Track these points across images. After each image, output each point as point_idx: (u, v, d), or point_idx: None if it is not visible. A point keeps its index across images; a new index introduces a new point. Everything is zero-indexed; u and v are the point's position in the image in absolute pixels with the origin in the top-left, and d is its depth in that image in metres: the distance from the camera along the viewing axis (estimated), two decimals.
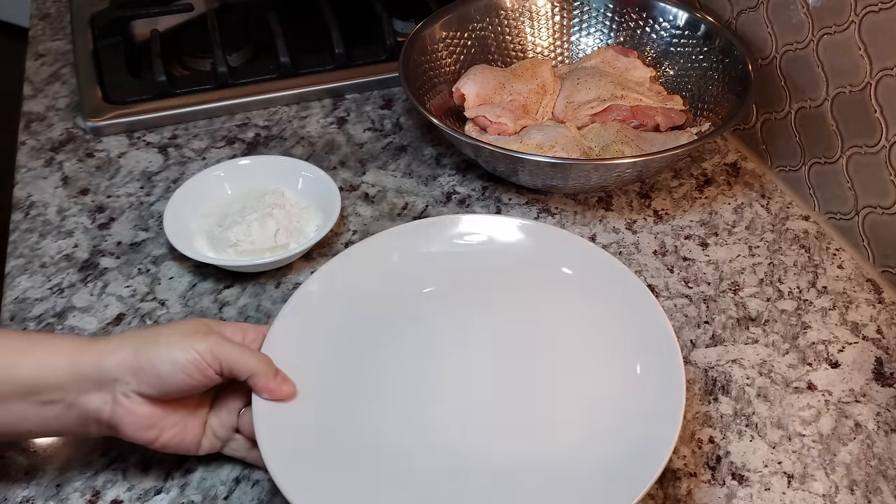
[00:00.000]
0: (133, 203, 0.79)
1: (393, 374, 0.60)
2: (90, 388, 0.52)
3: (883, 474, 0.60)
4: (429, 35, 0.89)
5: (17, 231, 0.76)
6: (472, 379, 0.60)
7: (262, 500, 0.57)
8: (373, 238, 0.67)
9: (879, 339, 0.69)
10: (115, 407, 0.52)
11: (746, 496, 0.58)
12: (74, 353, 0.52)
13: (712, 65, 0.87)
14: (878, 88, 0.70)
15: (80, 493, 0.57)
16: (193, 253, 0.70)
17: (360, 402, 0.58)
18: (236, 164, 0.78)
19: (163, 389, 0.52)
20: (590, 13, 0.95)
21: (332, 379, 0.59)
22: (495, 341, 0.62)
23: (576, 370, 0.60)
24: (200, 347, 0.52)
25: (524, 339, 0.62)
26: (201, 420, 0.56)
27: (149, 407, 0.53)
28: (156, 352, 0.52)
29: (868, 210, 0.74)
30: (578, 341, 0.62)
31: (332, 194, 0.74)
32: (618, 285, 0.63)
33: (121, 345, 0.52)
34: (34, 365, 0.51)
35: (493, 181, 0.83)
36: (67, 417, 0.52)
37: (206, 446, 0.56)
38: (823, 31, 0.74)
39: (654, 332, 0.60)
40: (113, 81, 0.90)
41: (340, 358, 0.60)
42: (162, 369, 0.51)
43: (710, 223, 0.79)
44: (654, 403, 0.56)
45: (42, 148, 0.85)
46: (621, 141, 0.80)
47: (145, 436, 0.53)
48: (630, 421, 0.56)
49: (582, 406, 0.58)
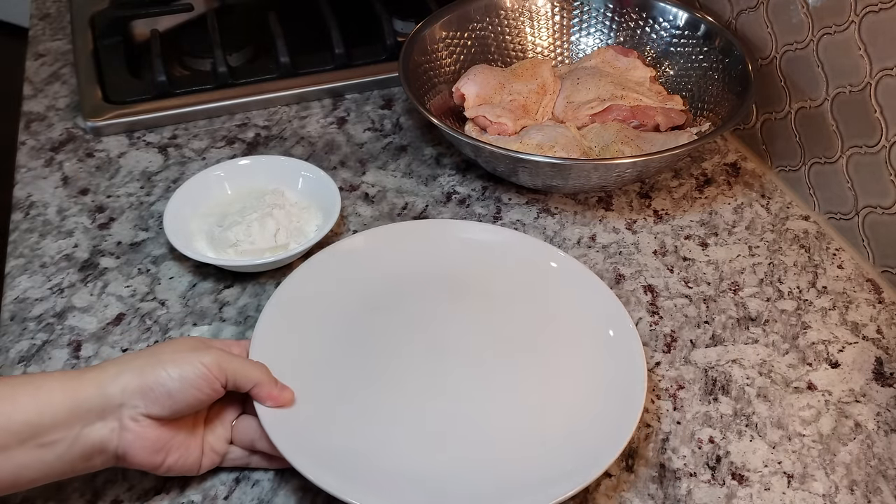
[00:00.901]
0: (133, 203, 0.79)
1: (373, 364, 0.63)
2: (94, 419, 0.50)
3: (883, 474, 0.60)
4: (429, 35, 0.89)
5: (17, 231, 0.76)
6: (449, 362, 0.63)
7: (263, 500, 0.57)
8: (334, 246, 0.71)
9: (879, 339, 0.69)
10: (122, 433, 0.51)
11: (746, 496, 0.58)
12: (69, 387, 0.50)
13: (712, 65, 0.87)
14: (878, 88, 0.70)
15: (79, 493, 0.57)
16: (193, 253, 0.70)
17: (351, 395, 0.61)
18: (236, 165, 0.78)
19: (173, 408, 0.52)
20: (590, 13, 0.95)
21: (321, 376, 0.61)
22: (469, 332, 0.66)
23: (545, 354, 0.64)
24: (207, 361, 0.53)
25: (493, 330, 0.66)
26: (200, 439, 0.56)
27: (157, 429, 0.52)
28: (163, 370, 0.52)
29: (868, 210, 0.74)
30: (545, 330, 0.66)
31: (332, 194, 0.74)
32: (574, 279, 0.69)
33: (121, 369, 0.52)
34: (26, 407, 0.49)
35: (493, 181, 0.83)
36: (70, 455, 0.50)
37: (206, 464, 0.56)
38: (823, 31, 0.74)
39: (610, 309, 0.66)
40: (113, 81, 0.90)
41: (324, 356, 0.63)
42: (171, 387, 0.51)
43: (710, 223, 0.79)
44: (615, 371, 0.62)
45: (42, 148, 0.85)
46: (621, 141, 0.80)
47: (153, 460, 0.53)
48: (598, 388, 0.61)
49: (551, 381, 0.63)
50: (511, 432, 0.59)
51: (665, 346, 0.68)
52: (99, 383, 0.51)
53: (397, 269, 0.70)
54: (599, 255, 0.76)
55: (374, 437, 0.58)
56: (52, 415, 0.49)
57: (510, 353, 0.64)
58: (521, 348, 0.64)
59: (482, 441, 0.58)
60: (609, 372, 0.62)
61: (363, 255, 0.70)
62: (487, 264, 0.70)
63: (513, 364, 0.63)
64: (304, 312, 0.65)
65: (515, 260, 0.70)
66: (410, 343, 0.64)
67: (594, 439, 0.57)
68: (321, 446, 0.56)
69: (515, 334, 0.65)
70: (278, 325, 0.63)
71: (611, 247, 0.77)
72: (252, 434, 0.57)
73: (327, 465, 0.54)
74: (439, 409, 0.60)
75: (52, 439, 0.49)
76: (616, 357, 0.63)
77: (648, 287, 0.73)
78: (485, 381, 0.62)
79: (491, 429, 0.59)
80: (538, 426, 0.59)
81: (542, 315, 0.67)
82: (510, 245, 0.72)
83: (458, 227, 0.74)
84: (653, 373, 0.66)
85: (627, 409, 0.58)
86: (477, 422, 0.60)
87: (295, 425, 0.56)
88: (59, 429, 0.50)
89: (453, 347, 0.64)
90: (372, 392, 0.61)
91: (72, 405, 0.50)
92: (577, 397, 0.61)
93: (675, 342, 0.68)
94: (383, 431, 0.58)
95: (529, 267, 0.70)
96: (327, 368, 0.62)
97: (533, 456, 0.57)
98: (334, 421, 0.58)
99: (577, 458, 0.56)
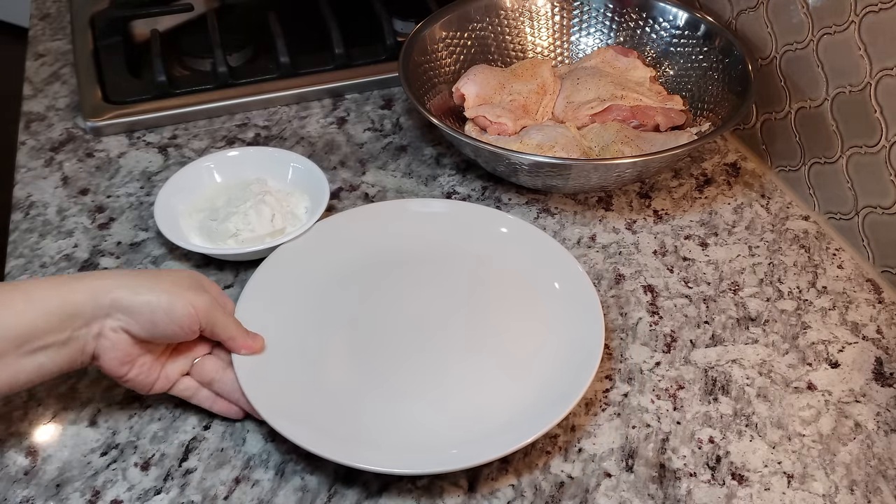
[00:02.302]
0: (133, 203, 0.79)
1: (344, 334, 0.67)
2: (81, 325, 0.54)
3: (883, 474, 0.60)
4: (429, 35, 0.89)
5: (17, 231, 0.76)
6: (417, 325, 0.68)
7: (262, 500, 0.57)
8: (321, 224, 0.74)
9: (879, 339, 0.69)
10: (100, 339, 0.55)
11: (746, 496, 0.58)
12: (63, 294, 0.53)
13: (712, 65, 0.87)
14: (878, 88, 0.70)
15: (80, 493, 0.57)
16: (200, 247, 0.70)
17: (322, 351, 0.66)
18: (224, 156, 0.79)
19: (152, 333, 0.56)
20: (590, 13, 0.95)
21: (297, 342, 0.66)
22: (433, 297, 0.70)
23: (506, 309, 0.69)
24: (198, 304, 0.56)
25: (455, 293, 0.71)
26: (161, 364, 0.59)
27: (130, 345, 0.56)
28: (156, 299, 0.55)
29: (868, 210, 0.74)
30: (501, 288, 0.71)
31: (318, 180, 0.76)
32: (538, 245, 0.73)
33: (118, 284, 0.55)
34: (23, 314, 0.52)
35: (493, 181, 0.83)
36: (60, 358, 0.54)
37: (157, 387, 0.59)
38: (823, 31, 0.74)
39: (561, 261, 0.71)
40: (113, 81, 0.90)
41: (298, 327, 0.67)
42: (158, 317, 0.55)
43: (710, 223, 0.79)
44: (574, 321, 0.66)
45: (42, 148, 0.85)
46: (621, 141, 0.80)
47: (119, 370, 0.56)
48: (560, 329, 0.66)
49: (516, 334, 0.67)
50: (481, 385, 0.63)
51: (665, 346, 0.68)
52: (93, 293, 0.54)
53: (363, 246, 0.73)
54: (599, 255, 0.76)
55: (344, 396, 0.62)
56: (46, 321, 0.52)
57: (474, 312, 0.69)
58: (483, 307, 0.69)
59: (454, 395, 0.62)
60: (567, 319, 0.66)
61: (329, 237, 0.73)
62: (444, 234, 0.75)
63: (477, 322, 0.68)
64: (281, 288, 0.69)
65: (468, 227, 0.75)
66: (379, 312, 0.69)
67: (560, 382, 0.61)
68: (291, 400, 0.60)
69: (475, 295, 0.70)
70: (259, 298, 0.67)
71: (611, 247, 0.77)
72: (212, 375, 0.60)
73: (294, 418, 0.58)
74: (410, 367, 0.64)
75: (46, 343, 0.53)
76: (573, 304, 0.67)
77: (648, 287, 0.73)
78: (451, 341, 0.66)
79: (461, 383, 0.63)
80: (506, 377, 0.64)
81: (498, 274, 0.72)
82: (461, 214, 0.76)
83: (412, 203, 0.77)
84: (653, 373, 0.66)
85: (589, 354, 0.62)
86: (446, 377, 0.64)
87: (270, 384, 0.60)
88: (52, 333, 0.53)
89: (420, 312, 0.68)
90: (344, 356, 0.65)
91: (65, 311, 0.53)
92: (540, 345, 0.66)
93: (675, 342, 0.68)
94: (356, 390, 0.62)
95: (482, 232, 0.74)
96: (303, 335, 0.66)
97: (502, 404, 0.61)
98: (309, 379, 0.63)
99: (545, 400, 0.60)
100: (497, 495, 0.58)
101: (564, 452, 0.60)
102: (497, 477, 0.59)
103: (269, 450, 0.60)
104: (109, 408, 0.62)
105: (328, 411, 0.60)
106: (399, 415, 0.61)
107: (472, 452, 0.57)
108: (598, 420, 0.62)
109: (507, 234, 0.74)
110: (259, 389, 0.59)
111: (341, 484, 0.58)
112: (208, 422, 0.62)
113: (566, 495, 0.58)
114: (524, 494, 0.58)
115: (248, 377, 0.60)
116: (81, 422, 0.61)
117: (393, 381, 0.63)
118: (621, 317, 0.70)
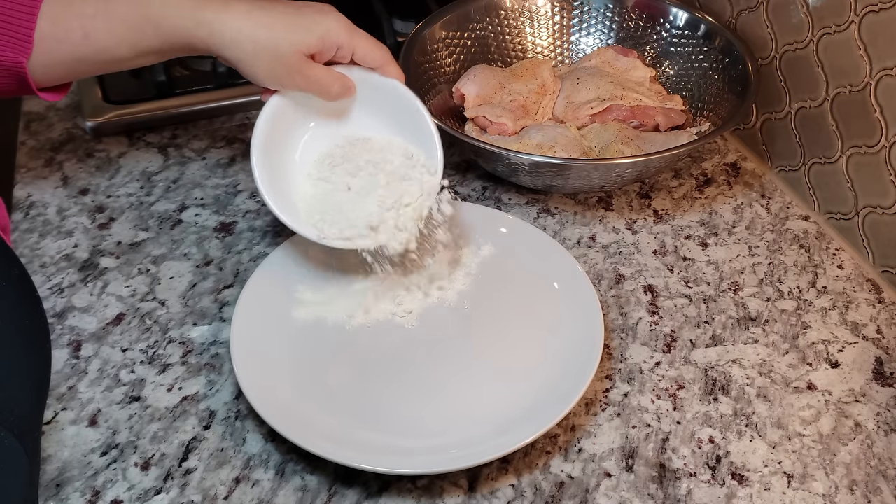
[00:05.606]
0: (133, 203, 0.79)
1: (348, 338, 0.67)
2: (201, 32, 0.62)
3: (883, 474, 0.60)
4: (429, 35, 0.89)
5: (17, 231, 0.76)
6: (422, 329, 0.68)
7: (263, 500, 0.57)
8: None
9: (879, 339, 0.69)
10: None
11: (746, 496, 0.58)
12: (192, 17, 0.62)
13: (712, 65, 0.87)
14: (878, 88, 0.70)
15: (80, 493, 0.57)
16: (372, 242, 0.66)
17: (323, 351, 0.66)
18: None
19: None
20: (590, 13, 0.95)
21: (296, 336, 0.67)
22: (438, 297, 0.70)
23: (510, 311, 0.70)
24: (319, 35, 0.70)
25: (459, 296, 0.71)
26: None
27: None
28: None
29: (868, 210, 0.74)
30: (506, 289, 0.71)
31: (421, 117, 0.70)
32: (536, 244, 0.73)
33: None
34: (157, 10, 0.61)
35: (493, 181, 0.83)
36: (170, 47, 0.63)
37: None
38: (823, 31, 0.74)
39: (560, 260, 0.71)
40: (113, 81, 0.90)
41: (299, 321, 0.67)
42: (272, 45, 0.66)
43: (710, 223, 0.79)
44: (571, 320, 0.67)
45: (42, 148, 0.85)
46: (621, 141, 0.80)
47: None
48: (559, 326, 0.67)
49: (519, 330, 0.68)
50: (481, 384, 0.63)
51: (665, 346, 0.68)
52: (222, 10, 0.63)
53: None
54: (599, 254, 0.76)
55: (345, 395, 0.62)
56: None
57: (474, 312, 0.69)
58: (483, 307, 0.69)
59: (453, 394, 0.63)
60: (567, 319, 0.67)
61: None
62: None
63: (477, 322, 0.68)
64: (281, 288, 0.69)
65: (468, 227, 0.75)
66: (379, 312, 0.69)
67: (560, 382, 0.62)
68: (292, 400, 0.61)
69: (475, 295, 0.70)
70: (260, 298, 0.67)
71: (611, 247, 0.77)
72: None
73: (294, 418, 0.59)
74: (410, 367, 0.65)
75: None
76: (573, 303, 0.67)
77: (648, 287, 0.73)
78: (451, 341, 0.67)
79: (461, 382, 0.64)
80: (506, 377, 0.64)
81: (498, 274, 0.72)
82: (461, 213, 0.75)
83: None
84: (653, 373, 0.66)
85: (589, 354, 0.63)
86: (446, 377, 0.64)
87: (270, 384, 0.61)
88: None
89: (420, 312, 0.69)
90: (344, 355, 0.65)
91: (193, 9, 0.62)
92: (540, 345, 0.66)
93: (675, 342, 0.68)
94: (356, 390, 0.63)
95: (482, 232, 0.74)
96: (303, 335, 0.66)
97: (502, 404, 0.61)
98: (309, 379, 0.63)
99: (545, 399, 0.61)
100: (497, 495, 0.58)
101: (564, 452, 0.60)
102: (497, 477, 0.59)
103: (269, 450, 0.60)
104: (109, 408, 0.62)
105: (328, 411, 0.60)
106: (399, 415, 0.61)
107: (472, 452, 0.57)
108: (598, 420, 0.62)
109: (507, 234, 0.74)
110: (259, 389, 0.60)
111: (341, 484, 0.58)
112: (208, 422, 0.62)
113: (566, 495, 0.58)
114: (524, 494, 0.58)
115: (248, 377, 0.60)
116: (81, 422, 0.61)
117: (392, 382, 0.63)
118: (621, 317, 0.70)
